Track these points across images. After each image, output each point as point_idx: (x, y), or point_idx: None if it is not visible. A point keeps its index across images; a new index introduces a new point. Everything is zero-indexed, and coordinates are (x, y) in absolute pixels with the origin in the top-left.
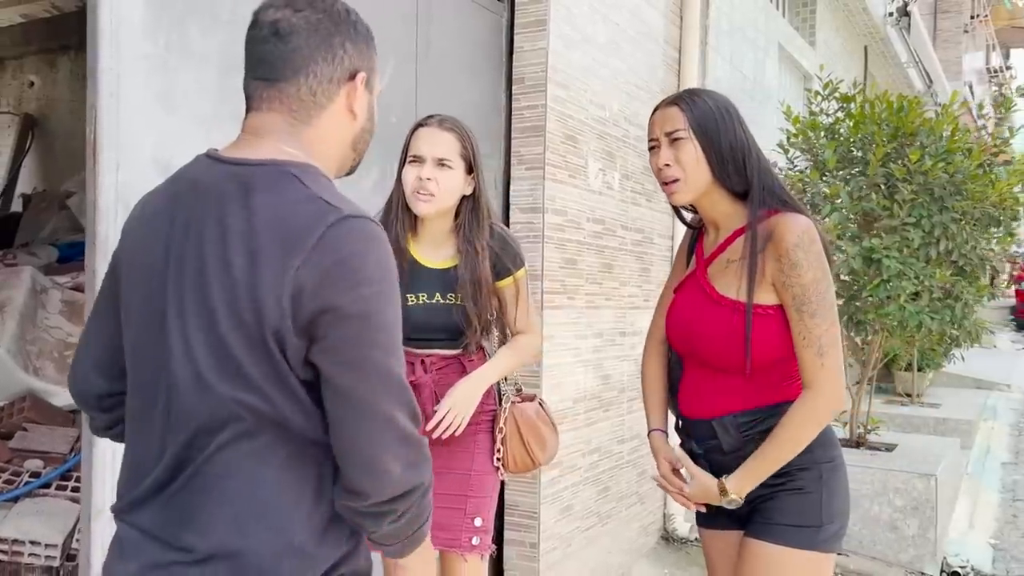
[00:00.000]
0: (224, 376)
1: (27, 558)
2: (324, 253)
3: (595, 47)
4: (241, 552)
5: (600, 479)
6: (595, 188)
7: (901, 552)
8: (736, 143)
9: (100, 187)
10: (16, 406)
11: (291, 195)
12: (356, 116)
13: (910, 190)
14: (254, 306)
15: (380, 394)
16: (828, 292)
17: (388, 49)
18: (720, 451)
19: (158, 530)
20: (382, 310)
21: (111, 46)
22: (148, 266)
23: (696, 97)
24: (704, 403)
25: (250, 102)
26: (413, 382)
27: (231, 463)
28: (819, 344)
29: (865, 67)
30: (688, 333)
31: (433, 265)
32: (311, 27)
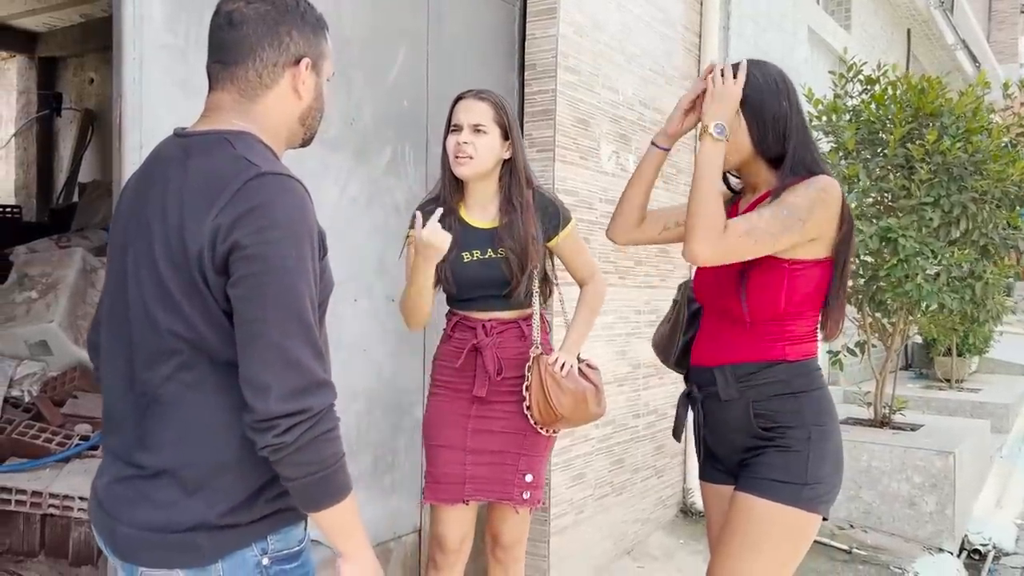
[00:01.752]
0: (165, 312)
1: (76, 512)
2: (239, 202)
3: (607, 33)
4: (183, 467)
5: (614, 451)
6: (608, 170)
7: (919, 528)
8: (779, 114)
9: (124, 167)
10: (68, 375)
11: (220, 156)
12: (301, 96)
13: (927, 170)
14: (183, 248)
15: (272, 324)
16: (795, 215)
17: (398, 37)
18: (717, 398)
19: (121, 452)
20: (286, 253)
21: (134, 37)
22: (119, 228)
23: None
24: (711, 352)
25: (210, 82)
26: (476, 345)
27: (175, 392)
28: (754, 230)
29: (908, 50)
30: (709, 281)
31: (481, 225)
32: (259, 17)
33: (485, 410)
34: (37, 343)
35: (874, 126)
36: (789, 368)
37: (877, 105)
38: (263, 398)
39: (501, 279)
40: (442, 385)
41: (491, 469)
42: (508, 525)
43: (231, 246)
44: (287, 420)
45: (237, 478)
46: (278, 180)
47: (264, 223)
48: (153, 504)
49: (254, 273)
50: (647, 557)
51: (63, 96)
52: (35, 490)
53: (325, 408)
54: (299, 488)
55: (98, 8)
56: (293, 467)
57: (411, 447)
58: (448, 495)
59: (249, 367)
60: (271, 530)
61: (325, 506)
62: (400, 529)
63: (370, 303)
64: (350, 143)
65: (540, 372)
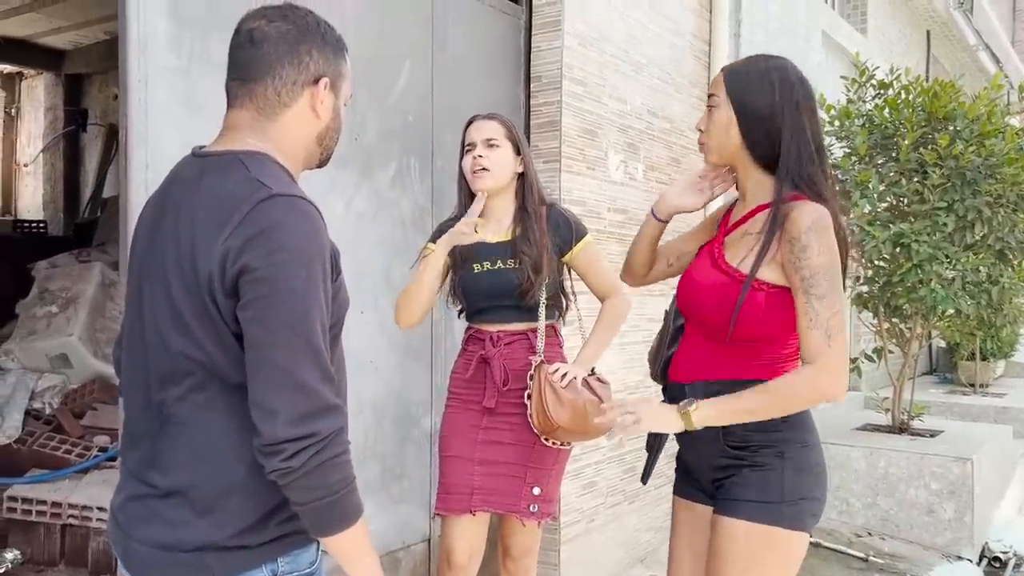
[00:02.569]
0: (178, 333)
1: (95, 523)
2: (250, 224)
3: (613, 44)
4: (193, 488)
5: (625, 459)
6: (616, 179)
7: (937, 536)
8: (773, 111)
9: (131, 185)
10: (87, 388)
11: (232, 177)
12: (320, 116)
13: (940, 174)
14: (194, 270)
15: (280, 347)
16: (837, 278)
17: (404, 52)
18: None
19: (136, 470)
20: (293, 275)
21: (139, 58)
22: (138, 248)
23: (745, 64)
24: (685, 368)
25: (228, 100)
26: (484, 356)
27: (187, 413)
28: (827, 326)
29: (928, 52)
30: (690, 294)
31: (496, 239)
32: (280, 35)
33: (494, 421)
34: (58, 356)
35: (887, 131)
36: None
37: (890, 110)
38: (270, 422)
39: (510, 288)
40: (455, 396)
41: (499, 480)
42: (517, 537)
43: (240, 269)
44: (294, 444)
45: (247, 500)
46: (289, 202)
47: (273, 246)
48: (164, 522)
49: (263, 296)
50: (660, 565)
51: (88, 112)
52: (55, 500)
53: (333, 432)
54: (308, 513)
55: None
56: (301, 492)
57: (419, 457)
58: (455, 505)
59: (257, 391)
60: (282, 552)
61: (334, 531)
62: (409, 538)
63: (376, 315)
64: (356, 158)
65: (540, 381)
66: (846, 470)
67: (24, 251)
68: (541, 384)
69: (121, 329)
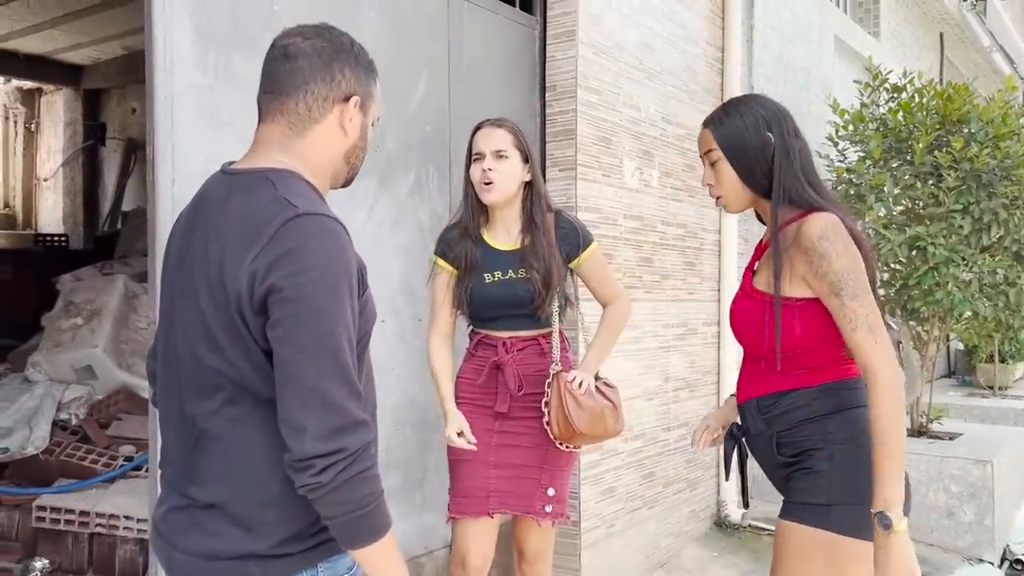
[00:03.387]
0: (208, 349)
1: (122, 531)
2: (277, 244)
3: (627, 52)
4: (230, 502)
5: (644, 464)
6: (631, 186)
7: (958, 539)
8: (766, 155)
9: (159, 199)
10: (112, 399)
11: (260, 197)
12: (348, 134)
13: (955, 177)
14: (223, 289)
15: (308, 365)
16: (862, 276)
17: (421, 63)
18: (750, 434)
19: (175, 482)
20: (320, 294)
21: (165, 76)
22: (170, 263)
23: (727, 115)
24: (743, 388)
25: (259, 114)
26: (497, 362)
27: (221, 427)
28: (867, 323)
29: (941, 55)
30: (733, 323)
31: (504, 247)
32: (315, 51)
33: (508, 425)
34: (83, 368)
35: (901, 134)
36: (809, 393)
37: (904, 113)
38: (299, 439)
39: (521, 299)
40: (466, 401)
41: (514, 483)
42: (531, 538)
43: (268, 288)
44: (323, 460)
45: (283, 512)
46: (316, 221)
47: (300, 266)
48: (205, 533)
49: (291, 315)
50: (680, 570)
51: (107, 126)
52: (83, 509)
53: (361, 448)
54: (337, 526)
55: (139, 41)
56: (331, 506)
57: (440, 463)
58: (473, 508)
59: (286, 408)
60: (321, 558)
61: (363, 544)
62: (431, 544)
63: (397, 323)
64: (375, 168)
65: (560, 389)
66: None
67: (46, 264)
68: (561, 393)
69: (154, 340)
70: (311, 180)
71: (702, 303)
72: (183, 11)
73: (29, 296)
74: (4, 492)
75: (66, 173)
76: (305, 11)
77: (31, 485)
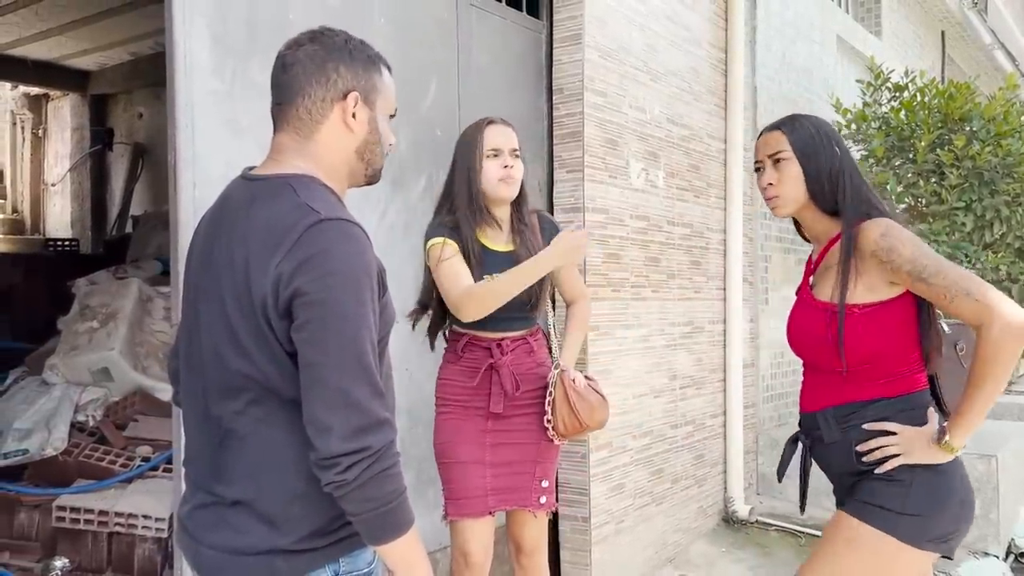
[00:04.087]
0: (234, 352)
1: (140, 530)
2: (300, 249)
3: (632, 55)
4: (257, 499)
5: (652, 461)
6: (638, 187)
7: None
8: (833, 165)
9: (180, 204)
10: (128, 400)
11: (282, 203)
12: (353, 130)
13: (957, 175)
14: (248, 294)
15: (333, 367)
16: (932, 255)
17: (431, 69)
18: (821, 442)
19: (200, 481)
20: (343, 298)
21: (185, 84)
22: (193, 266)
23: (797, 122)
24: (811, 398)
25: (274, 125)
26: (493, 364)
27: (246, 427)
28: (963, 288)
29: (943, 53)
30: (796, 338)
31: (499, 249)
32: (308, 57)
33: (502, 424)
34: (99, 370)
35: (903, 133)
36: (889, 404)
37: (906, 112)
38: (325, 438)
39: (520, 301)
40: (454, 404)
41: (511, 479)
42: (528, 530)
43: (293, 292)
44: (348, 458)
45: (308, 508)
46: (338, 226)
47: (323, 270)
48: (232, 529)
49: (315, 318)
50: (689, 565)
51: (114, 131)
52: (102, 509)
53: (385, 446)
54: (362, 522)
55: (145, 46)
56: (356, 503)
57: None
58: (474, 509)
59: (312, 408)
60: (343, 553)
61: (387, 540)
62: (445, 540)
63: (410, 324)
64: (387, 172)
65: (565, 389)
66: None
67: (57, 269)
68: (568, 392)
69: (176, 341)
70: (328, 183)
71: (708, 302)
72: (201, 21)
73: (40, 300)
74: (24, 492)
75: (73, 178)
76: (319, 20)
77: (50, 486)
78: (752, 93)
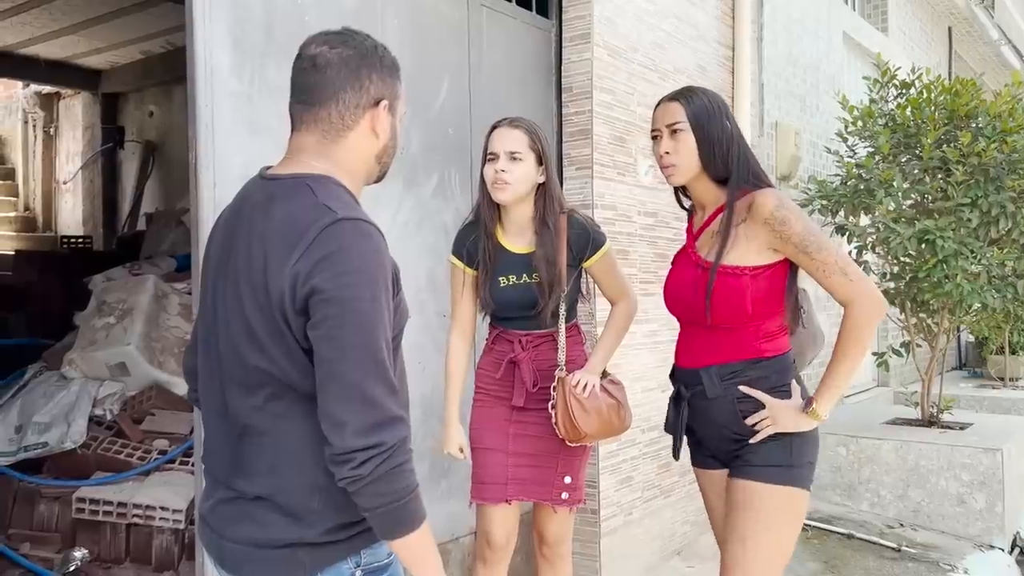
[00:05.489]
0: (252, 348)
1: (158, 521)
2: (317, 248)
3: (640, 53)
4: (278, 494)
5: (660, 455)
6: (646, 184)
7: (969, 526)
8: (724, 135)
9: (200, 202)
10: (145, 395)
11: (300, 202)
12: (379, 136)
13: (963, 171)
14: (266, 291)
15: (349, 363)
16: (819, 231)
17: (443, 69)
18: (704, 396)
19: (220, 476)
20: (359, 296)
21: (205, 85)
22: (211, 264)
23: (693, 94)
24: (692, 355)
25: (292, 123)
26: (513, 359)
27: (265, 422)
28: (837, 267)
29: (950, 49)
30: (679, 296)
31: (518, 250)
32: (342, 61)
33: (523, 416)
34: (116, 365)
35: (909, 130)
36: (767, 364)
37: (912, 109)
38: (340, 434)
39: (533, 303)
40: (485, 393)
41: (531, 471)
42: (551, 524)
43: (310, 290)
44: (362, 454)
45: (329, 501)
46: (354, 226)
47: (340, 268)
48: (255, 523)
49: (332, 316)
50: (697, 557)
51: (125, 130)
52: (120, 501)
53: (398, 442)
54: (375, 517)
55: (156, 45)
56: (369, 498)
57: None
58: (491, 495)
59: (327, 404)
60: (365, 545)
61: (400, 535)
62: (457, 531)
63: (423, 319)
64: (400, 171)
65: (564, 394)
66: (876, 463)
67: (70, 266)
68: (566, 398)
69: (192, 338)
70: (346, 184)
71: None
72: (221, 25)
73: (56, 297)
74: (46, 484)
75: (85, 176)
76: (334, 21)
77: (69, 478)
78: (759, 90)
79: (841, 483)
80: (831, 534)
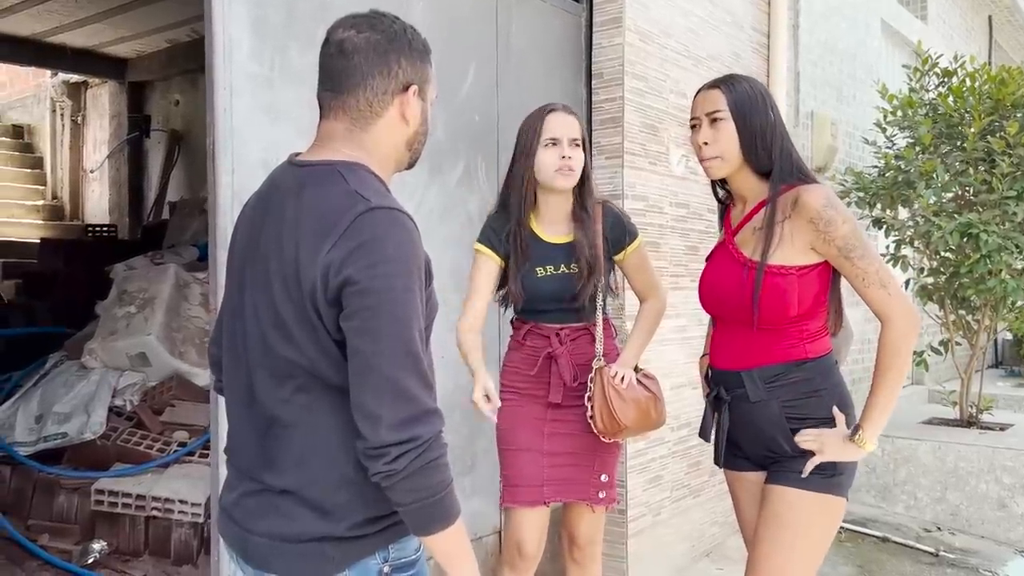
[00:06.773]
0: (280, 339)
1: (176, 514)
2: (351, 237)
3: (673, 39)
4: (306, 487)
5: (690, 453)
6: (678, 174)
7: (1011, 530)
8: (766, 125)
9: (219, 188)
10: (165, 385)
11: (332, 190)
12: (408, 122)
13: (1009, 163)
14: (297, 281)
15: (383, 356)
16: (865, 236)
17: (469, 53)
18: (746, 399)
19: (246, 468)
20: (394, 286)
21: (224, 69)
22: (238, 251)
23: (735, 82)
24: (733, 357)
25: (321, 110)
26: (551, 353)
27: (293, 415)
28: (878, 278)
29: (990, 38)
30: (720, 296)
31: (555, 240)
32: (370, 46)
33: (560, 414)
34: (137, 355)
35: (952, 120)
36: (811, 366)
37: (955, 98)
38: (374, 427)
39: (573, 293)
40: (515, 391)
41: (568, 471)
42: (584, 524)
43: (344, 280)
44: (397, 448)
45: (357, 495)
46: (388, 215)
47: (375, 258)
48: (283, 517)
49: (366, 307)
50: (726, 560)
51: (151, 118)
52: (139, 493)
53: (433, 436)
54: (410, 513)
55: (182, 33)
56: (404, 493)
57: (489, 450)
58: (528, 497)
59: (361, 397)
60: (392, 540)
61: (435, 530)
62: (480, 530)
63: (445, 310)
64: (425, 158)
65: (603, 385)
66: (913, 464)
67: (96, 254)
68: (605, 388)
69: (217, 328)
70: (376, 171)
71: None
72: (241, 7)
73: (80, 285)
74: (64, 475)
75: (111, 165)
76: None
77: (89, 469)
78: (795, 78)
79: (876, 484)
80: (865, 537)
